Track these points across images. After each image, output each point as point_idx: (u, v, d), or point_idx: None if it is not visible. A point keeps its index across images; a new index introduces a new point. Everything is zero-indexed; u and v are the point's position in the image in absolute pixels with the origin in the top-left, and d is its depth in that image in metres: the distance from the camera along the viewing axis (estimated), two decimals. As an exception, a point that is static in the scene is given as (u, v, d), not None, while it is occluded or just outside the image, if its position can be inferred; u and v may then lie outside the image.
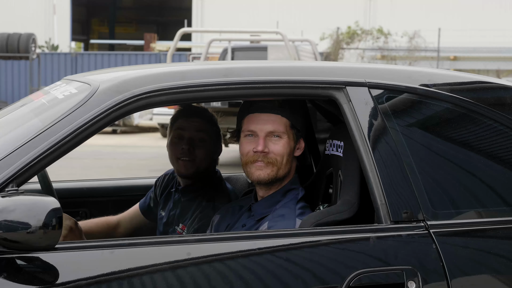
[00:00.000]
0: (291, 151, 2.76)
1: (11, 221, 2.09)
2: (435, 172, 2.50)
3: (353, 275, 2.31)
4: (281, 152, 2.72)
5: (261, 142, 2.71)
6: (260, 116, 2.74)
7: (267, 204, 2.77)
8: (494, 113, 2.62)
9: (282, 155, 2.73)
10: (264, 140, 2.72)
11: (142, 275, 2.22)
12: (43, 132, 2.30)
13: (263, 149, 2.71)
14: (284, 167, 2.75)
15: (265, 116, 2.73)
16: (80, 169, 12.08)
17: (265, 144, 2.71)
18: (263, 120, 2.73)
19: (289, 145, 2.74)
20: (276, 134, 2.72)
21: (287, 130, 2.74)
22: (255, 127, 2.74)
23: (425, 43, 24.52)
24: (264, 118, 2.73)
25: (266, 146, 2.71)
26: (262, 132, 2.72)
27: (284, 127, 2.73)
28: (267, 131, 2.72)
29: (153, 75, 2.52)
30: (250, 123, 2.75)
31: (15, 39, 21.06)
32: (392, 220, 2.42)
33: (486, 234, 2.51)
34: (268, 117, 2.73)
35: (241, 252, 2.31)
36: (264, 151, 2.71)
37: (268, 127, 2.72)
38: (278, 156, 2.72)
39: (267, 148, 2.71)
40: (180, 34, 12.63)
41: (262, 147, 2.71)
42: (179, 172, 3.34)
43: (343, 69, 2.73)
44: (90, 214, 3.74)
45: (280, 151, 2.72)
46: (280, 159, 2.73)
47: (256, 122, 2.74)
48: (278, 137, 2.73)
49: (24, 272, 2.18)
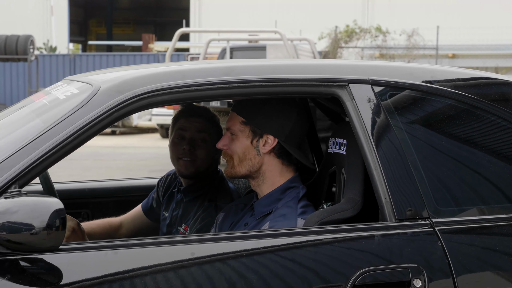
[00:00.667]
0: (246, 149, 2.74)
1: (14, 223, 2.08)
2: (439, 169, 2.49)
3: (358, 273, 2.30)
4: (234, 150, 2.75)
5: (222, 139, 2.79)
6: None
7: (267, 203, 2.76)
8: (498, 109, 2.61)
9: (236, 154, 2.75)
10: (226, 137, 2.78)
11: (146, 276, 2.21)
12: (45, 133, 2.29)
13: (221, 146, 2.78)
14: (241, 165, 2.76)
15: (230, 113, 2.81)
16: (79, 170, 12.07)
17: (224, 141, 2.78)
18: (229, 117, 2.80)
19: (242, 143, 2.74)
20: (231, 131, 2.76)
21: (240, 127, 2.74)
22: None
23: (424, 41, 24.51)
24: (229, 115, 2.81)
25: (225, 143, 2.77)
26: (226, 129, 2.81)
27: (237, 124, 2.75)
28: (226, 127, 2.79)
29: (154, 75, 2.51)
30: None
31: (13, 41, 21.04)
32: (396, 218, 2.41)
33: (492, 231, 2.50)
34: (230, 113, 2.81)
35: (245, 252, 2.30)
36: (222, 148, 2.79)
37: (227, 124, 2.78)
38: (232, 154, 2.76)
39: (226, 145, 2.77)
40: (179, 34, 12.61)
41: (221, 144, 2.78)
42: (180, 172, 3.33)
43: (345, 66, 2.72)
44: (92, 215, 3.73)
45: (232, 149, 2.76)
46: (234, 157, 2.76)
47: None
48: (234, 135, 2.75)
49: (27, 274, 2.17)
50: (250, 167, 2.75)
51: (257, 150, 2.74)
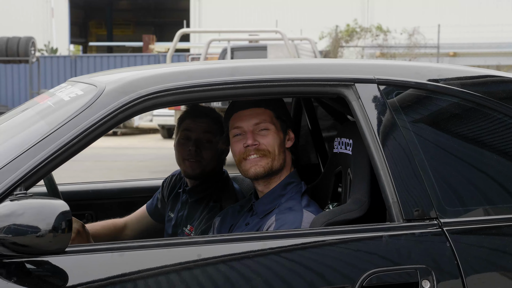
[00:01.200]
0: (281, 141, 2.76)
1: (20, 225, 2.06)
2: (446, 169, 2.47)
3: (366, 275, 2.28)
4: (271, 143, 2.73)
5: (249, 136, 2.73)
6: (243, 112, 2.75)
7: (269, 200, 2.75)
8: (505, 107, 2.59)
9: (273, 146, 2.73)
10: (253, 134, 2.73)
11: (152, 278, 2.20)
12: (50, 134, 2.28)
13: (253, 142, 2.72)
14: (278, 158, 2.74)
15: (248, 111, 2.75)
16: (81, 172, 12.05)
17: (254, 138, 2.72)
18: (246, 115, 2.75)
19: (278, 136, 2.75)
20: (263, 126, 2.73)
21: (273, 121, 2.74)
22: (241, 123, 2.75)
23: (425, 40, 24.50)
24: (247, 113, 2.75)
25: (255, 139, 2.72)
26: (249, 126, 2.74)
27: (269, 119, 2.74)
28: (253, 124, 2.73)
29: (159, 76, 2.49)
30: (236, 121, 2.77)
31: (14, 43, 21.05)
32: (404, 219, 2.38)
33: (501, 231, 2.47)
34: (251, 111, 2.75)
35: (252, 253, 2.29)
36: (254, 144, 2.72)
37: (253, 120, 2.73)
38: (269, 146, 2.72)
39: (256, 141, 2.72)
40: (180, 35, 12.60)
41: (252, 140, 2.72)
42: (185, 173, 3.32)
43: (351, 66, 2.70)
44: (96, 216, 3.72)
45: (270, 142, 2.73)
46: (272, 150, 2.73)
47: (241, 119, 2.75)
48: (266, 129, 2.73)
49: (33, 276, 2.15)
50: (281, 162, 2.76)
51: (284, 145, 2.77)
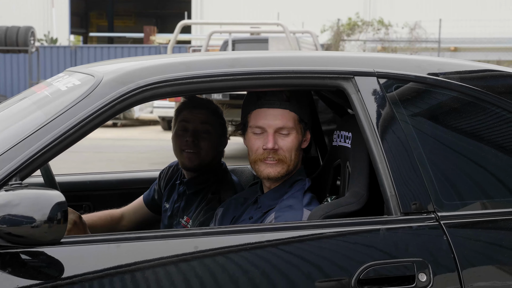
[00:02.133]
0: (299, 145, 2.73)
1: (15, 215, 2.05)
2: (445, 163, 2.47)
3: (363, 267, 2.28)
4: (290, 147, 2.69)
5: (270, 139, 2.67)
6: (268, 111, 2.68)
7: (275, 196, 2.74)
8: (504, 101, 2.58)
9: (291, 151, 2.70)
10: (274, 136, 2.67)
11: (149, 269, 2.19)
12: (46, 124, 2.26)
13: (273, 147, 2.67)
14: (293, 162, 2.72)
15: (273, 111, 2.68)
16: (80, 163, 12.05)
17: (274, 141, 2.67)
18: (271, 115, 2.68)
19: (297, 140, 2.71)
20: (285, 131, 2.68)
21: (295, 124, 2.70)
22: (264, 123, 2.68)
23: (426, 34, 24.47)
24: (272, 114, 2.68)
25: (275, 142, 2.67)
26: (271, 128, 2.68)
27: (292, 122, 2.69)
28: (276, 127, 2.68)
29: (157, 66, 2.48)
30: (258, 119, 2.70)
31: (13, 32, 21.01)
32: (402, 212, 2.38)
33: (498, 225, 2.47)
34: (276, 112, 2.68)
35: (249, 245, 2.28)
36: (274, 148, 2.67)
37: (277, 123, 2.67)
38: (287, 152, 2.69)
39: (276, 144, 2.67)
40: (181, 26, 12.59)
41: (272, 144, 2.67)
42: (183, 165, 3.31)
43: (351, 58, 2.69)
44: (94, 207, 3.71)
45: (289, 147, 2.69)
46: (289, 155, 2.69)
47: (264, 118, 2.68)
48: (287, 133, 2.69)
49: (28, 267, 2.15)
50: (297, 164, 2.74)
51: (300, 145, 2.75)
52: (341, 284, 2.27)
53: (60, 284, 2.11)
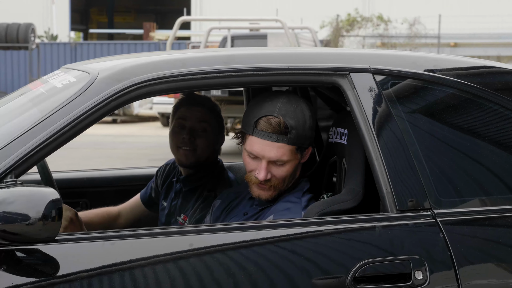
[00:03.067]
0: (295, 168, 2.66)
1: (10, 213, 2.05)
2: (441, 160, 2.46)
3: (359, 265, 2.27)
4: (284, 175, 2.63)
5: (263, 171, 2.60)
6: (264, 142, 2.58)
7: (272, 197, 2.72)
8: (501, 98, 2.57)
9: (286, 178, 2.64)
10: (267, 166, 2.60)
11: (144, 267, 2.19)
12: (41, 122, 2.26)
13: (265, 178, 2.61)
14: (288, 182, 2.67)
15: (269, 143, 2.58)
16: (79, 159, 12.06)
17: (267, 170, 2.60)
18: (267, 147, 2.58)
19: (294, 166, 2.64)
20: (280, 162, 2.61)
21: (293, 155, 2.61)
22: (258, 153, 2.60)
23: (425, 30, 24.45)
24: (268, 146, 2.58)
25: (268, 171, 2.61)
26: (265, 158, 2.60)
27: (289, 155, 2.60)
28: (270, 159, 2.60)
29: (153, 63, 2.47)
30: (253, 146, 2.60)
31: (14, 29, 21.00)
32: (398, 209, 2.37)
33: (495, 222, 2.46)
34: (272, 145, 2.58)
35: (244, 243, 2.27)
36: (266, 179, 2.61)
37: (271, 155, 2.58)
38: (280, 179, 2.63)
39: (269, 174, 2.61)
40: (180, 23, 12.57)
41: (264, 175, 2.60)
42: (179, 162, 3.30)
43: (346, 55, 2.68)
44: (91, 204, 3.71)
45: (282, 175, 2.63)
46: (282, 182, 2.64)
47: (259, 148, 2.59)
48: (282, 164, 2.62)
49: (24, 265, 2.14)
50: (292, 180, 2.69)
51: (300, 163, 2.69)
52: (337, 282, 2.27)
53: (55, 282, 2.11)
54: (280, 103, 2.59)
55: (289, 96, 2.65)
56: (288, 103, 2.60)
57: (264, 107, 2.60)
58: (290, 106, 2.59)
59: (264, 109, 2.59)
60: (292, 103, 2.61)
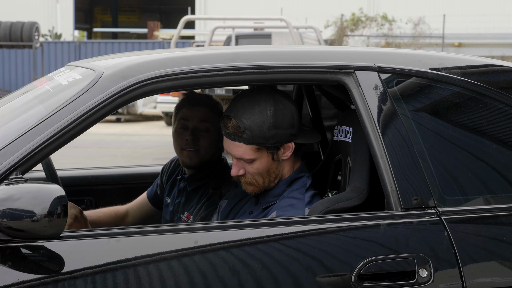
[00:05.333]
0: (269, 165, 2.67)
1: (16, 209, 2.05)
2: (446, 158, 2.46)
3: (363, 263, 2.28)
4: (256, 172, 2.66)
5: (234, 167, 2.68)
6: (227, 141, 2.67)
7: (274, 193, 2.72)
8: (506, 96, 2.57)
9: (259, 174, 2.66)
10: (238, 163, 2.67)
11: (149, 264, 2.19)
12: (47, 119, 2.26)
13: (236, 173, 2.67)
14: (268, 179, 2.68)
15: (230, 142, 2.66)
16: (84, 158, 12.06)
17: (238, 167, 2.66)
18: (230, 145, 2.66)
19: (265, 163, 2.65)
20: (246, 159, 2.65)
21: (256, 153, 2.64)
22: (226, 150, 2.72)
23: (430, 30, 24.42)
24: (230, 144, 2.66)
25: (240, 168, 2.66)
26: (234, 156, 2.67)
27: (251, 153, 2.64)
28: (235, 156, 2.67)
29: (158, 61, 2.48)
30: (224, 144, 2.72)
31: (18, 27, 21.02)
32: (402, 207, 2.38)
33: (499, 220, 2.46)
34: (233, 144, 2.65)
35: (249, 240, 2.28)
36: (238, 174, 2.68)
37: (235, 153, 2.66)
38: (255, 176, 2.66)
39: (241, 169, 2.66)
40: (184, 22, 12.57)
41: (235, 171, 2.68)
42: (183, 163, 3.29)
43: (352, 53, 2.68)
44: (95, 202, 3.71)
45: (254, 172, 2.66)
46: (259, 178, 2.67)
47: (226, 146, 2.69)
48: (250, 161, 2.65)
49: (29, 261, 2.15)
50: (275, 177, 2.70)
51: (278, 161, 2.69)
52: (342, 279, 2.27)
53: (60, 278, 2.12)
54: (240, 103, 2.64)
55: (256, 95, 2.66)
56: (249, 102, 2.63)
57: (229, 106, 2.68)
58: (250, 106, 2.62)
59: (227, 108, 2.67)
60: (255, 103, 2.62)
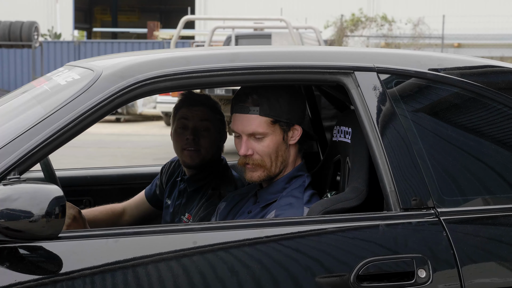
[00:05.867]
0: (279, 145, 2.67)
1: (13, 210, 2.05)
2: (445, 159, 2.46)
3: (362, 263, 2.28)
4: (266, 151, 2.66)
5: (243, 145, 2.66)
6: (241, 116, 2.66)
7: (272, 191, 2.73)
8: (505, 97, 2.57)
9: (268, 154, 2.66)
10: (247, 141, 2.66)
11: (147, 264, 2.19)
12: (45, 119, 2.26)
13: (245, 152, 2.66)
14: (275, 163, 2.68)
15: (244, 117, 2.65)
16: (84, 158, 12.06)
17: (247, 146, 2.65)
18: (243, 121, 2.66)
19: (275, 142, 2.66)
20: (258, 135, 2.65)
21: (269, 127, 2.65)
22: (237, 129, 2.68)
23: (429, 30, 24.43)
24: (244, 119, 2.65)
25: (249, 147, 2.65)
26: (244, 133, 2.66)
27: (265, 126, 2.64)
28: (248, 133, 2.65)
29: (157, 61, 2.47)
30: (234, 123, 2.69)
31: (17, 27, 21.01)
32: (401, 208, 2.38)
33: (497, 221, 2.46)
34: (246, 117, 2.65)
35: (248, 241, 2.27)
36: (247, 154, 2.66)
37: (248, 129, 2.65)
38: (263, 156, 2.66)
39: (250, 149, 2.65)
40: (184, 22, 12.57)
41: (244, 150, 2.66)
42: (184, 163, 3.29)
43: (351, 53, 2.68)
44: (94, 202, 3.71)
45: (264, 151, 2.65)
46: (267, 159, 2.66)
47: (237, 124, 2.68)
48: (261, 137, 2.65)
49: (26, 262, 2.14)
50: (282, 163, 2.70)
51: (286, 144, 2.69)
52: (341, 280, 2.27)
53: (58, 279, 2.11)
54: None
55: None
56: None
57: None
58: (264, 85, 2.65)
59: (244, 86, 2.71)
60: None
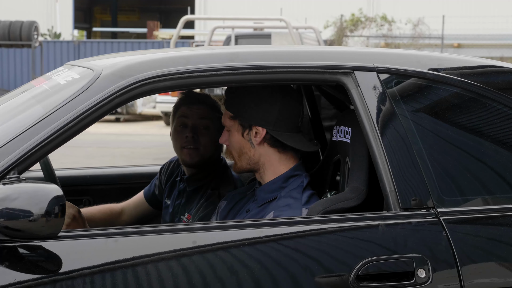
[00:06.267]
0: (241, 143, 2.74)
1: (13, 209, 2.05)
2: (444, 159, 2.46)
3: (362, 263, 2.28)
4: (232, 145, 2.76)
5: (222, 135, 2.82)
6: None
7: (270, 189, 2.73)
8: (505, 97, 2.57)
9: (233, 148, 2.76)
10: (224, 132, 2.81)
11: (147, 264, 2.18)
12: (45, 118, 2.26)
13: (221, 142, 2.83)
14: (239, 160, 2.76)
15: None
16: (83, 158, 12.06)
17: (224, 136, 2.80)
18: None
19: (235, 137, 2.75)
20: (225, 127, 2.78)
21: (230, 121, 2.75)
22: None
23: (429, 30, 24.43)
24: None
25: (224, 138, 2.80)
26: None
27: (227, 120, 2.76)
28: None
29: (157, 60, 2.47)
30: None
31: (17, 27, 21.00)
32: (401, 208, 2.37)
33: (497, 221, 2.47)
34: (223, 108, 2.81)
35: (248, 240, 2.27)
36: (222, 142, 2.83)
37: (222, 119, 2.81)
38: (231, 149, 2.78)
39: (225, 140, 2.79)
40: (183, 21, 12.55)
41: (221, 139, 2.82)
42: (184, 162, 3.29)
43: (351, 53, 2.68)
44: (94, 202, 3.70)
45: (231, 144, 2.77)
46: (234, 153, 2.77)
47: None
48: (228, 130, 2.77)
49: (26, 261, 2.14)
50: (249, 160, 2.74)
51: (250, 143, 2.72)
52: (340, 280, 2.27)
53: (57, 278, 2.11)
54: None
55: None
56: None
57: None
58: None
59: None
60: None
